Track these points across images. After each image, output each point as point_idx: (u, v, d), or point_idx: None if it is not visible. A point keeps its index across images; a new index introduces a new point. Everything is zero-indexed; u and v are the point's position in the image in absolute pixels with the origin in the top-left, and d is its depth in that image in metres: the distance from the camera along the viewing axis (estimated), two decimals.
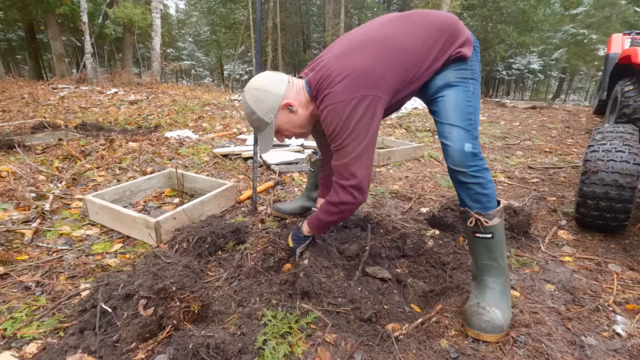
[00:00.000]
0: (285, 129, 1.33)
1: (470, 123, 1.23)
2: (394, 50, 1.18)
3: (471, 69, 1.26)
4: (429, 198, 2.47)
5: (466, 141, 1.20)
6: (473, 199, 1.23)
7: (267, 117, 1.27)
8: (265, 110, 1.26)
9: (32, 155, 3.11)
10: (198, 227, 1.73)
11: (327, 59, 1.23)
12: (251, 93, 1.26)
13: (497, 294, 1.24)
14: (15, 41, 20.14)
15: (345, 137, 1.18)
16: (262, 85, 1.25)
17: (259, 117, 1.26)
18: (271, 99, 1.25)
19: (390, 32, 1.21)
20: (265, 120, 1.27)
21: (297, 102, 1.28)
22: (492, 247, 1.25)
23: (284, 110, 1.28)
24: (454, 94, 1.24)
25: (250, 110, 1.26)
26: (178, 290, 1.16)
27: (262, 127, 1.29)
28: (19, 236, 1.78)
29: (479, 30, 19.05)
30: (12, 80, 9.50)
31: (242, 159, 3.30)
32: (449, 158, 1.23)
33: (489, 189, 1.22)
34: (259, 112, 1.26)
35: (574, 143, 4.04)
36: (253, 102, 1.25)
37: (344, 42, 1.26)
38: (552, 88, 31.57)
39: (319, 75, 1.22)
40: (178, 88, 10.13)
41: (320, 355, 1.09)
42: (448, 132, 1.23)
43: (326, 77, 1.19)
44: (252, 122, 1.30)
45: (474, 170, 1.20)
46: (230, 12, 21.28)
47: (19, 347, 1.11)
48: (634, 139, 1.83)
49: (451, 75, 1.25)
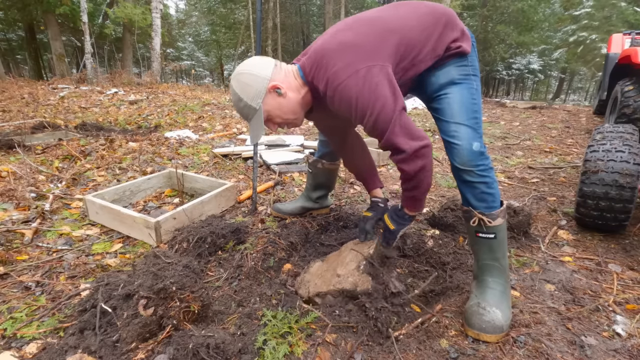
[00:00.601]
0: (276, 114, 1.24)
1: (476, 121, 1.21)
2: (386, 28, 1.15)
3: (472, 64, 1.26)
4: (429, 198, 2.47)
5: (474, 140, 1.18)
6: (478, 198, 1.22)
7: (254, 103, 1.18)
8: (252, 95, 1.17)
9: (32, 155, 3.11)
10: (198, 227, 1.73)
11: (319, 43, 1.19)
12: (237, 79, 1.18)
13: (498, 294, 1.24)
14: (15, 41, 20.14)
15: (371, 108, 1.09)
16: (247, 69, 1.18)
17: (247, 104, 1.18)
18: (257, 82, 1.17)
19: (383, 14, 1.20)
20: (252, 106, 1.18)
21: (285, 85, 1.20)
22: (494, 247, 1.25)
23: (272, 94, 1.19)
24: (459, 91, 1.22)
25: (237, 97, 1.19)
26: (178, 290, 1.16)
27: (251, 114, 1.20)
28: (19, 236, 1.78)
29: (479, 30, 19.05)
30: (12, 80, 9.50)
31: (242, 159, 3.30)
32: (456, 157, 1.20)
33: (494, 189, 1.22)
34: (246, 98, 1.17)
35: (574, 143, 4.04)
36: (239, 88, 1.17)
37: (335, 26, 1.24)
38: (552, 88, 31.58)
39: (313, 59, 1.17)
40: (178, 88, 10.12)
41: (320, 355, 1.09)
42: (455, 131, 1.20)
43: (321, 59, 1.13)
44: (240, 111, 1.22)
45: (481, 169, 1.19)
46: (230, 12, 21.28)
47: (19, 347, 1.11)
48: (634, 139, 1.83)
49: (454, 72, 1.23)
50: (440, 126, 1.26)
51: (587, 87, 31.18)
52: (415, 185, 1.23)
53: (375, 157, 3.27)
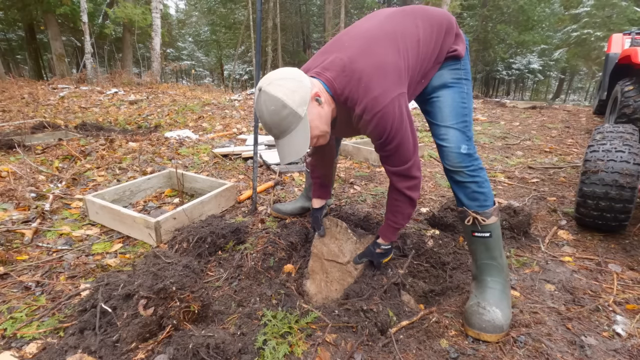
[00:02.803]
0: (315, 125, 1.12)
1: (465, 125, 1.26)
2: (406, 46, 1.16)
3: (464, 68, 1.29)
4: (429, 198, 2.47)
5: (462, 142, 1.24)
6: (470, 197, 1.26)
7: (300, 110, 1.06)
8: (298, 102, 1.05)
9: (32, 155, 3.11)
10: (198, 227, 1.73)
11: (346, 59, 1.12)
12: (278, 84, 1.05)
13: (498, 293, 1.24)
14: (15, 41, 20.13)
15: (400, 139, 1.13)
16: (289, 75, 1.08)
17: (293, 111, 1.05)
18: (302, 88, 1.07)
19: (399, 27, 1.19)
20: (298, 113, 1.06)
21: (323, 95, 1.13)
22: (490, 245, 1.27)
23: (313, 102, 1.10)
24: (450, 95, 1.27)
25: (280, 104, 1.04)
26: (178, 290, 1.16)
27: (294, 124, 1.07)
28: (19, 236, 1.78)
29: (479, 30, 19.04)
30: (12, 80, 9.50)
31: (242, 159, 3.30)
32: (445, 159, 1.26)
33: (485, 188, 1.25)
34: (292, 104, 1.04)
35: (574, 143, 4.04)
36: (283, 93, 1.04)
37: (356, 37, 1.18)
38: (552, 88, 31.56)
39: (345, 78, 1.11)
40: (178, 88, 10.13)
41: (320, 355, 1.09)
42: (444, 134, 1.26)
43: (358, 81, 1.09)
44: (280, 122, 1.06)
45: (471, 169, 1.23)
46: (230, 12, 21.26)
47: (19, 347, 1.11)
48: (634, 139, 1.83)
49: (447, 75, 1.27)
50: (431, 129, 1.31)
51: (587, 87, 31.17)
52: (410, 213, 1.32)
53: (375, 157, 3.27)
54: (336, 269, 1.51)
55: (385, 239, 1.40)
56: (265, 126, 1.10)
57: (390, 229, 1.37)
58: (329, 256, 1.54)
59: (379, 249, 1.43)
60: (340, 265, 1.51)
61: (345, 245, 1.55)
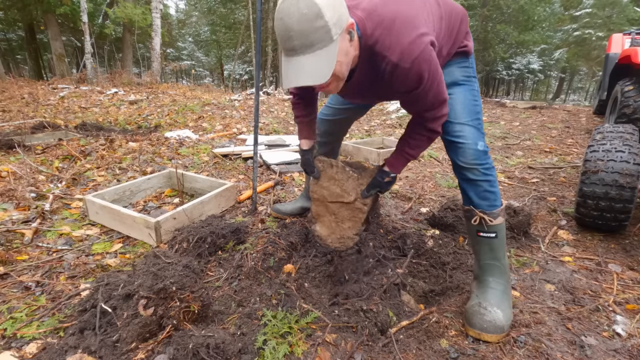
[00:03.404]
0: (340, 61, 0.96)
1: (479, 122, 1.26)
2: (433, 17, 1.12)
3: (472, 66, 1.30)
4: (429, 198, 2.47)
5: (479, 139, 1.23)
6: (481, 196, 1.24)
7: (334, 31, 0.90)
8: (335, 20, 0.89)
9: (32, 155, 3.11)
10: (198, 227, 1.73)
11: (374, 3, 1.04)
12: None
13: (499, 294, 1.24)
14: (15, 41, 20.13)
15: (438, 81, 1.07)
16: None
17: (327, 27, 0.88)
18: (342, 12, 0.92)
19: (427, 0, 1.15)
20: (331, 33, 0.89)
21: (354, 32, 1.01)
22: (495, 246, 1.26)
23: (345, 35, 0.95)
24: (462, 92, 1.26)
25: (316, 10, 0.86)
26: (178, 290, 1.16)
27: (322, 43, 0.90)
28: (19, 236, 1.78)
29: (479, 30, 19.02)
30: (12, 80, 9.49)
31: (242, 159, 3.30)
32: (460, 155, 1.23)
33: (495, 187, 1.25)
34: (329, 19, 0.88)
35: (574, 143, 4.04)
36: (325, 3, 0.87)
37: None
38: (552, 88, 31.57)
39: (377, 18, 1.01)
40: (178, 88, 10.12)
41: (320, 355, 1.09)
42: (460, 131, 1.24)
43: (391, 23, 1.00)
44: (308, 32, 0.88)
45: (485, 167, 1.23)
46: (230, 12, 21.26)
47: (19, 347, 1.11)
48: (634, 139, 1.83)
49: (457, 73, 1.27)
50: (444, 126, 1.27)
51: (587, 87, 31.17)
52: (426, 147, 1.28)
53: (375, 157, 3.27)
54: (344, 208, 1.48)
55: (394, 168, 1.34)
56: (285, 33, 0.90)
57: (402, 160, 1.32)
58: (332, 198, 1.47)
59: (388, 178, 1.36)
60: (348, 204, 1.46)
61: (347, 183, 1.46)
